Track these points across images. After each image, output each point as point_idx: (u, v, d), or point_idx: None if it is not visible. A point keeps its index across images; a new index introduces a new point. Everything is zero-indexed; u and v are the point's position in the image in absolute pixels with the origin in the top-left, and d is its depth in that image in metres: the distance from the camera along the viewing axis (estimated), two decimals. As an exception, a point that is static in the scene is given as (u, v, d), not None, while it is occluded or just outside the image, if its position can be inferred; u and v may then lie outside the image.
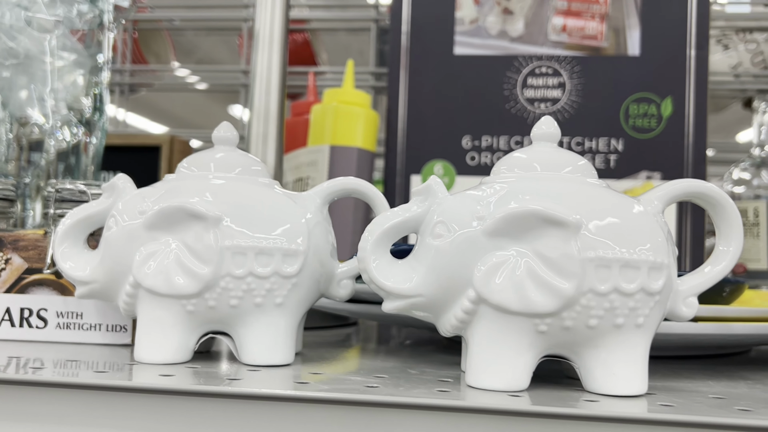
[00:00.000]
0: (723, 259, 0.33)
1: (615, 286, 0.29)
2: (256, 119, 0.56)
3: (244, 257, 0.33)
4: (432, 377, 0.33)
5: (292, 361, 0.35)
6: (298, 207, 0.35)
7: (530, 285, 0.29)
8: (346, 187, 0.38)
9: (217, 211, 0.33)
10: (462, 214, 0.31)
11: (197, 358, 0.36)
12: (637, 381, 0.30)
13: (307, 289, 0.35)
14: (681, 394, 0.31)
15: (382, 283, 0.32)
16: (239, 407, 0.29)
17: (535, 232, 0.29)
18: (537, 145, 0.34)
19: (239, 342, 0.35)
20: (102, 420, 0.30)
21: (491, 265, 0.30)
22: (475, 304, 0.30)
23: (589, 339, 0.30)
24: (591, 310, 0.29)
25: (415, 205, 0.33)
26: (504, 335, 0.30)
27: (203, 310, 0.34)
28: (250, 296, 0.33)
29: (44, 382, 0.30)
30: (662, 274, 0.30)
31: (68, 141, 0.60)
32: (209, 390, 0.29)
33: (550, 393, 0.30)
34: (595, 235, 0.29)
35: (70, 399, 0.30)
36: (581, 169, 0.33)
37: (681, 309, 0.32)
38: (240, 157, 0.37)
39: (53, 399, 0.30)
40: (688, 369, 0.40)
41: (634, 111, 0.67)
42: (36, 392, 0.30)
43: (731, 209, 0.33)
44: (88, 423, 0.30)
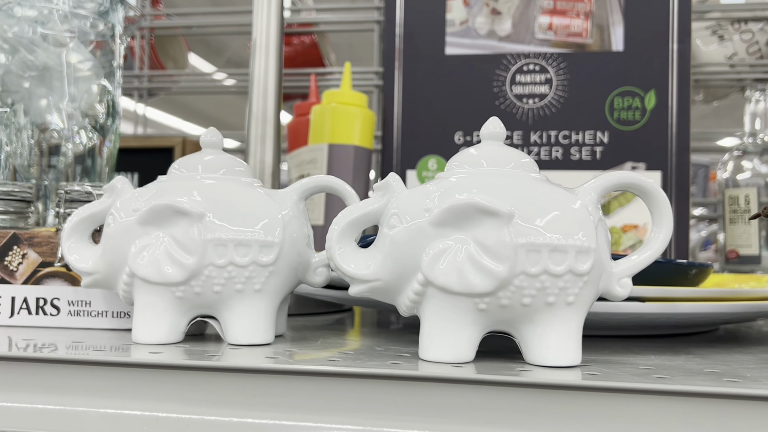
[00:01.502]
0: (654, 244, 0.36)
1: (545, 268, 0.33)
2: (254, 122, 0.61)
3: (225, 248, 0.37)
4: (393, 353, 0.37)
5: (272, 341, 0.40)
6: (275, 203, 0.40)
7: (470, 268, 0.33)
8: (320, 184, 0.42)
9: (201, 207, 0.37)
10: (413, 207, 0.35)
11: (190, 340, 0.41)
12: (570, 353, 0.34)
13: (284, 277, 0.39)
14: (615, 366, 0.35)
15: (345, 268, 0.36)
16: (214, 378, 0.33)
17: (474, 221, 0.33)
18: (485, 144, 0.38)
19: (224, 324, 0.39)
20: (103, 390, 0.34)
21: (436, 251, 0.33)
22: (423, 286, 0.34)
23: (525, 316, 0.34)
24: (524, 290, 0.33)
25: (375, 199, 0.37)
26: (449, 313, 0.34)
27: (191, 296, 0.38)
28: (231, 283, 0.38)
29: (56, 359, 0.35)
30: (589, 257, 0.33)
31: (84, 144, 0.65)
32: (188, 364, 0.33)
33: (491, 364, 0.34)
34: (527, 223, 0.33)
35: (77, 374, 0.35)
36: (523, 165, 0.37)
37: (615, 289, 0.36)
38: (225, 159, 0.41)
39: (64, 374, 0.35)
40: (641, 346, 0.43)
41: (618, 104, 0.70)
42: (50, 368, 0.35)
43: (661, 198, 0.36)
44: (91, 393, 0.35)
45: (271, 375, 0.33)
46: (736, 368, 0.35)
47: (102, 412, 0.33)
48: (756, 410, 0.29)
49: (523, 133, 0.72)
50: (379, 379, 0.32)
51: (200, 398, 0.33)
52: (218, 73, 1.07)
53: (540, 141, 0.71)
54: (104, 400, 0.34)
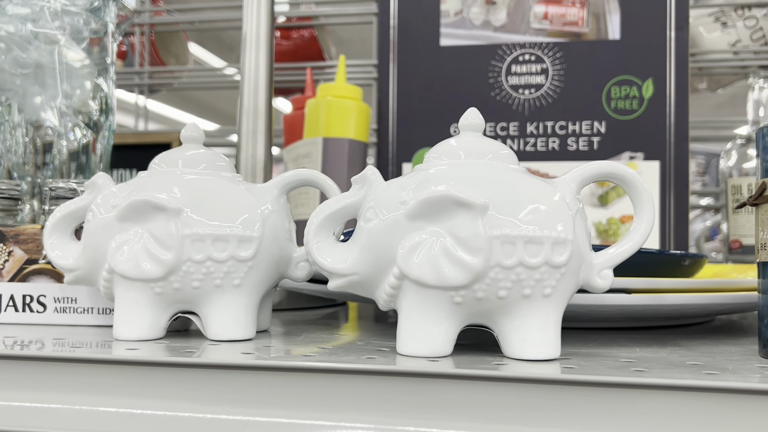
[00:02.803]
0: (636, 234, 0.36)
1: (520, 260, 0.32)
2: (246, 116, 0.61)
3: (203, 243, 0.37)
4: (373, 348, 0.37)
5: (252, 336, 0.39)
6: (255, 198, 0.39)
7: (444, 261, 0.33)
8: (301, 178, 0.42)
9: (178, 203, 0.37)
10: (388, 200, 0.34)
11: (173, 336, 0.40)
12: (548, 346, 0.34)
13: (264, 272, 0.39)
14: (595, 359, 0.35)
15: (322, 262, 0.36)
16: (189, 374, 0.33)
17: (448, 213, 0.33)
18: (464, 135, 0.37)
19: (204, 320, 0.39)
20: (79, 387, 0.34)
21: (411, 244, 0.33)
22: (399, 279, 0.34)
23: (501, 309, 0.33)
24: (499, 282, 0.32)
25: (353, 192, 0.37)
26: (425, 307, 0.34)
27: (170, 291, 0.38)
28: (210, 278, 0.38)
29: (30, 356, 0.35)
30: (566, 249, 0.33)
31: (78, 141, 0.65)
32: (161, 360, 0.33)
33: (469, 358, 0.34)
34: (502, 215, 0.32)
35: (54, 371, 0.35)
36: (502, 156, 0.36)
37: (595, 280, 0.35)
38: (205, 154, 0.41)
39: (39, 371, 0.35)
40: (628, 338, 0.42)
41: (615, 93, 0.69)
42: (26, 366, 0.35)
43: (642, 187, 0.35)
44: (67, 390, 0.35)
45: (244, 371, 0.33)
46: (720, 360, 0.34)
47: (77, 409, 0.33)
48: (731, 403, 0.29)
49: (520, 124, 0.71)
50: (352, 374, 0.32)
51: (175, 395, 0.33)
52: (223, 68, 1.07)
53: (536, 132, 0.70)
54: (79, 396, 0.34)
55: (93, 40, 0.68)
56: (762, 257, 0.35)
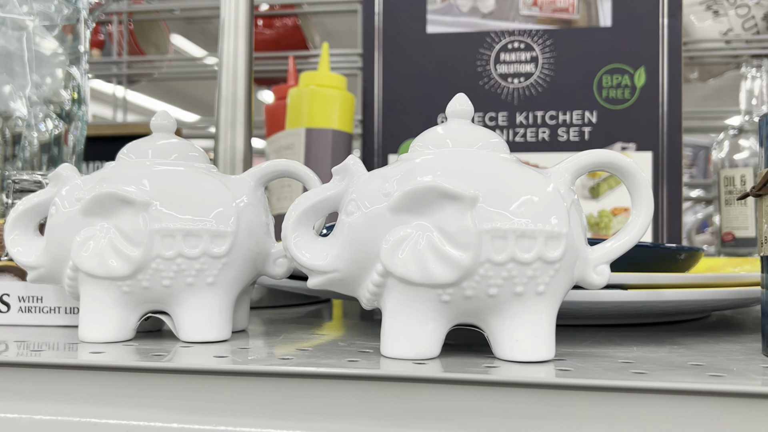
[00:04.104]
0: (633, 228, 0.34)
1: (511, 255, 0.30)
2: (224, 106, 0.58)
3: (173, 239, 0.35)
4: (356, 349, 0.35)
5: (228, 337, 0.37)
6: (228, 190, 0.37)
7: (431, 257, 0.30)
8: (279, 169, 0.39)
9: (147, 195, 0.35)
10: (371, 192, 0.32)
11: (144, 337, 0.38)
12: (542, 347, 0.31)
13: (239, 269, 0.37)
14: (591, 360, 0.32)
15: (300, 258, 0.34)
16: (157, 380, 0.31)
17: (435, 206, 0.31)
18: (451, 122, 0.35)
19: (176, 320, 0.36)
20: (38, 395, 0.32)
21: (396, 239, 0.31)
22: (383, 277, 0.31)
23: (492, 307, 0.31)
24: (490, 279, 0.30)
25: (334, 183, 0.35)
26: (411, 306, 0.31)
27: (138, 290, 0.35)
28: (181, 276, 0.35)
29: None
30: (561, 243, 0.31)
31: (50, 132, 0.62)
32: (127, 365, 0.31)
33: (458, 360, 0.32)
34: (492, 208, 0.30)
35: (10, 377, 0.32)
36: (492, 145, 0.34)
37: (591, 276, 0.33)
38: (177, 144, 0.39)
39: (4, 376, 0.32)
40: (623, 336, 0.40)
41: (607, 82, 0.67)
42: None
43: (640, 178, 0.33)
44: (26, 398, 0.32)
45: (217, 376, 0.30)
46: (722, 360, 0.32)
47: (37, 419, 0.31)
48: (740, 407, 0.27)
49: (509, 114, 0.69)
50: (332, 379, 0.29)
51: (143, 402, 0.31)
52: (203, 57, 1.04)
53: (526, 122, 0.68)
54: (39, 405, 0.31)
55: (65, 28, 0.65)
56: (766, 251, 0.33)
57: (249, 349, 0.34)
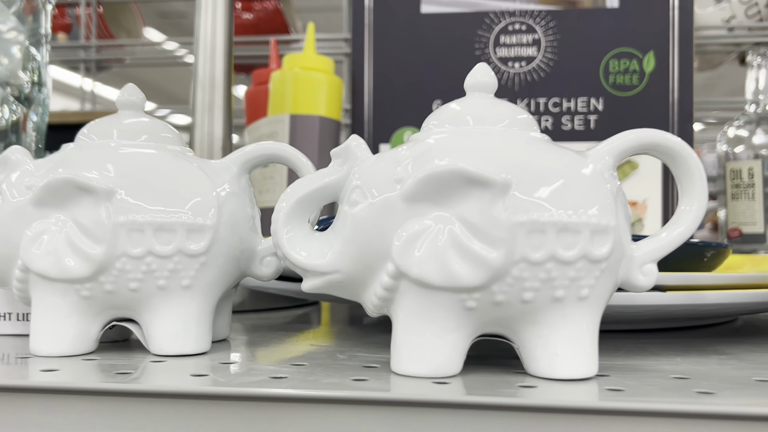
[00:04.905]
0: (684, 221, 0.29)
1: (551, 253, 0.25)
2: (201, 89, 0.52)
3: (141, 234, 0.29)
4: (359, 362, 0.30)
5: (207, 349, 0.32)
6: (207, 177, 0.32)
7: (454, 255, 0.25)
8: (267, 153, 0.34)
9: (110, 183, 0.29)
10: (380, 178, 0.27)
11: (107, 349, 0.33)
12: (584, 361, 0.27)
13: (220, 269, 0.31)
14: (638, 375, 0.28)
15: (294, 257, 0.28)
16: (122, 404, 0.25)
17: (459, 194, 0.25)
18: (471, 97, 0.30)
19: (146, 330, 0.31)
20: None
21: (411, 234, 0.26)
22: (395, 279, 0.26)
23: (525, 315, 0.26)
24: (525, 281, 0.25)
25: (334, 169, 0.30)
26: (428, 314, 0.26)
27: (100, 295, 0.30)
28: (151, 278, 0.30)
29: None
30: (608, 239, 0.26)
31: (7, 118, 0.56)
32: (84, 387, 0.25)
33: (484, 378, 0.27)
34: (528, 196, 0.25)
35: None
36: (520, 122, 0.29)
37: (637, 278, 0.28)
38: (147, 124, 0.33)
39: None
40: (657, 343, 0.36)
41: (614, 67, 0.63)
42: None
43: (693, 162, 0.29)
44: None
45: (195, 401, 0.25)
46: (791, 376, 0.28)
47: (-28, 452, 0.25)
48: (839, 440, 0.22)
49: (509, 100, 0.64)
50: (338, 404, 0.24)
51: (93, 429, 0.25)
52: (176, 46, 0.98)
53: (527, 109, 0.64)
54: (-22, 435, 0.26)
55: (26, 6, 0.59)
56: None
57: (233, 365, 0.29)
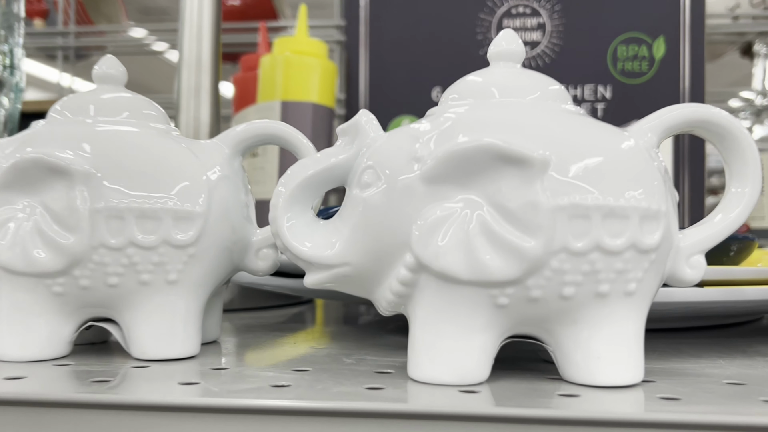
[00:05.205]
0: (737, 205, 0.26)
1: (596, 242, 0.22)
2: (187, 70, 0.49)
3: (122, 222, 0.26)
4: (369, 367, 0.26)
5: (196, 353, 0.28)
6: (198, 159, 0.28)
7: (484, 244, 0.22)
8: (263, 132, 0.30)
9: (87, 164, 0.26)
10: (396, 156, 0.24)
11: (82, 352, 0.29)
12: (629, 366, 0.23)
13: (211, 262, 0.28)
14: (686, 381, 0.24)
15: (297, 248, 0.25)
16: (99, 417, 0.22)
17: (490, 174, 0.22)
18: (495, 67, 0.27)
19: (127, 331, 0.27)
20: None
21: (433, 220, 0.22)
22: (414, 272, 0.23)
23: (564, 313, 0.23)
24: (565, 275, 0.22)
25: (341, 148, 0.26)
26: (453, 312, 0.23)
27: (75, 291, 0.26)
28: (133, 272, 0.26)
29: None
30: (659, 225, 0.23)
31: (-24, 103, 0.52)
32: (54, 398, 0.22)
33: (516, 386, 0.23)
34: (569, 177, 0.22)
35: None
36: (553, 94, 0.26)
37: (684, 271, 0.25)
38: (128, 99, 0.30)
39: None
40: (691, 344, 0.33)
41: (622, 53, 0.60)
42: None
43: (746, 141, 0.26)
44: None
45: (184, 413, 0.21)
46: None
47: None
48: None
49: (512, 88, 0.61)
50: (350, 417, 0.21)
51: (77, 449, 0.22)
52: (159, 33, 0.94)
53: (531, 97, 0.60)
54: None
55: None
56: None
57: (226, 371, 0.25)
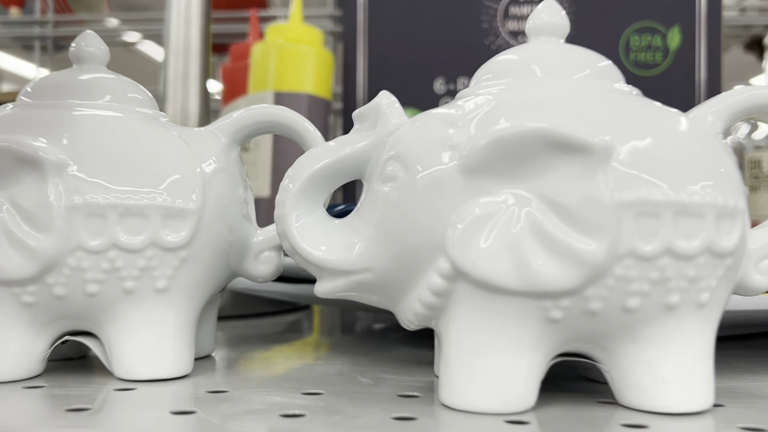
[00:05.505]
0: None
1: (667, 245, 0.18)
2: (174, 56, 0.45)
3: (103, 221, 0.22)
4: (391, 389, 0.23)
5: (189, 372, 0.24)
6: (190, 148, 0.24)
7: (535, 248, 0.18)
8: (264, 119, 0.27)
9: (62, 153, 0.22)
10: (427, 144, 0.20)
11: (57, 370, 0.25)
12: (699, 389, 0.20)
13: (205, 267, 0.24)
14: (758, 404, 0.21)
15: (309, 252, 0.21)
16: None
17: (541, 164, 0.19)
18: (536, 42, 0.23)
19: (109, 347, 0.24)
20: None
21: (473, 218, 0.19)
22: (449, 280, 0.19)
23: (626, 328, 0.19)
24: (630, 283, 0.19)
25: (358, 135, 0.23)
26: (496, 327, 0.19)
27: (48, 301, 0.23)
28: (116, 279, 0.22)
29: None
30: (736, 225, 0.19)
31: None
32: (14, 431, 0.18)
33: (567, 414, 0.20)
34: (634, 168, 0.19)
35: None
36: (603, 72, 0.22)
37: (753, 278, 0.22)
38: (111, 81, 0.26)
39: None
40: (738, 356, 0.29)
41: (635, 43, 0.57)
42: None
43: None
44: None
45: (179, 450, 0.18)
46: None
47: None
48: None
49: (519, 79, 0.57)
50: (381, 455, 0.17)
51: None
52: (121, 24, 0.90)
53: (539, 89, 0.57)
54: None
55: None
56: None
57: (226, 395, 0.22)
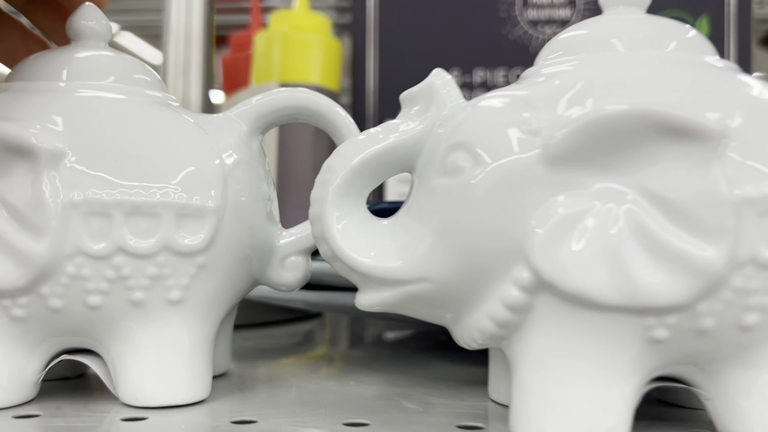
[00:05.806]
0: None
1: (798, 250, 0.15)
2: (174, 42, 0.42)
3: (107, 221, 0.19)
4: (446, 418, 0.19)
5: (206, 396, 0.21)
6: (206, 137, 0.21)
7: (638, 254, 0.15)
8: (291, 105, 0.23)
9: (58, 141, 0.19)
10: (498, 130, 0.17)
11: (53, 392, 0.22)
12: (823, 422, 0.17)
13: (225, 275, 0.21)
14: None
15: (354, 259, 0.18)
16: None
17: (643, 153, 0.15)
18: (612, 13, 0.20)
19: (113, 368, 0.20)
20: None
21: (560, 218, 0.16)
22: (529, 292, 0.16)
23: (739, 350, 0.16)
24: (750, 296, 0.15)
25: (409, 120, 0.19)
26: (586, 349, 0.16)
27: (42, 314, 0.19)
28: (122, 289, 0.19)
29: None
30: None
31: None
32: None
33: (669, 450, 0.17)
34: (749, 158, 0.15)
35: None
36: (692, 44, 0.19)
37: None
38: (113, 59, 0.22)
39: None
40: None
41: (661, 33, 0.54)
42: None
43: None
44: None
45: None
46: None
47: None
48: None
49: (538, 71, 0.54)
50: None
51: None
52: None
53: (559, 82, 0.54)
54: None
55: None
56: None
57: (254, 427, 0.18)
